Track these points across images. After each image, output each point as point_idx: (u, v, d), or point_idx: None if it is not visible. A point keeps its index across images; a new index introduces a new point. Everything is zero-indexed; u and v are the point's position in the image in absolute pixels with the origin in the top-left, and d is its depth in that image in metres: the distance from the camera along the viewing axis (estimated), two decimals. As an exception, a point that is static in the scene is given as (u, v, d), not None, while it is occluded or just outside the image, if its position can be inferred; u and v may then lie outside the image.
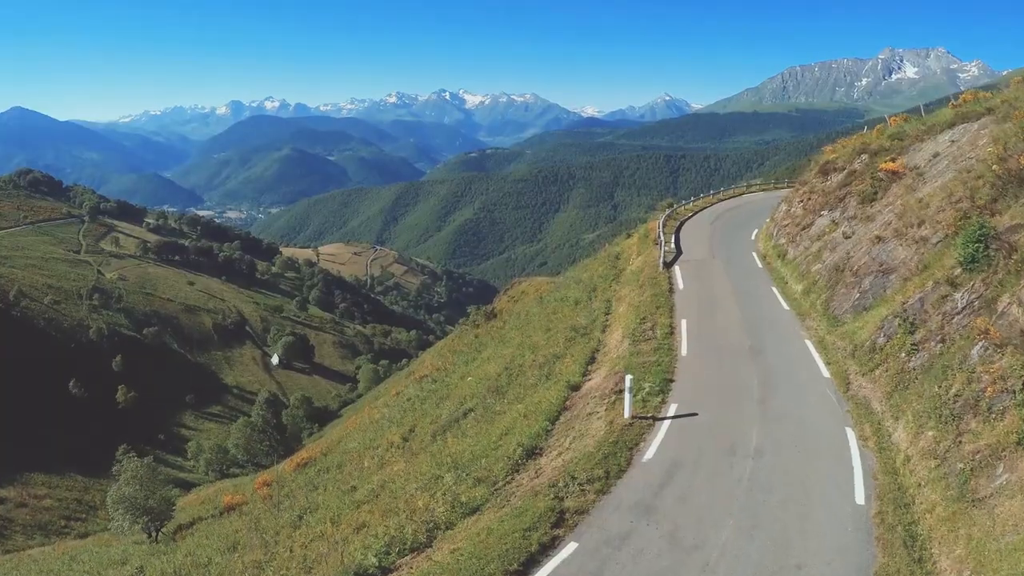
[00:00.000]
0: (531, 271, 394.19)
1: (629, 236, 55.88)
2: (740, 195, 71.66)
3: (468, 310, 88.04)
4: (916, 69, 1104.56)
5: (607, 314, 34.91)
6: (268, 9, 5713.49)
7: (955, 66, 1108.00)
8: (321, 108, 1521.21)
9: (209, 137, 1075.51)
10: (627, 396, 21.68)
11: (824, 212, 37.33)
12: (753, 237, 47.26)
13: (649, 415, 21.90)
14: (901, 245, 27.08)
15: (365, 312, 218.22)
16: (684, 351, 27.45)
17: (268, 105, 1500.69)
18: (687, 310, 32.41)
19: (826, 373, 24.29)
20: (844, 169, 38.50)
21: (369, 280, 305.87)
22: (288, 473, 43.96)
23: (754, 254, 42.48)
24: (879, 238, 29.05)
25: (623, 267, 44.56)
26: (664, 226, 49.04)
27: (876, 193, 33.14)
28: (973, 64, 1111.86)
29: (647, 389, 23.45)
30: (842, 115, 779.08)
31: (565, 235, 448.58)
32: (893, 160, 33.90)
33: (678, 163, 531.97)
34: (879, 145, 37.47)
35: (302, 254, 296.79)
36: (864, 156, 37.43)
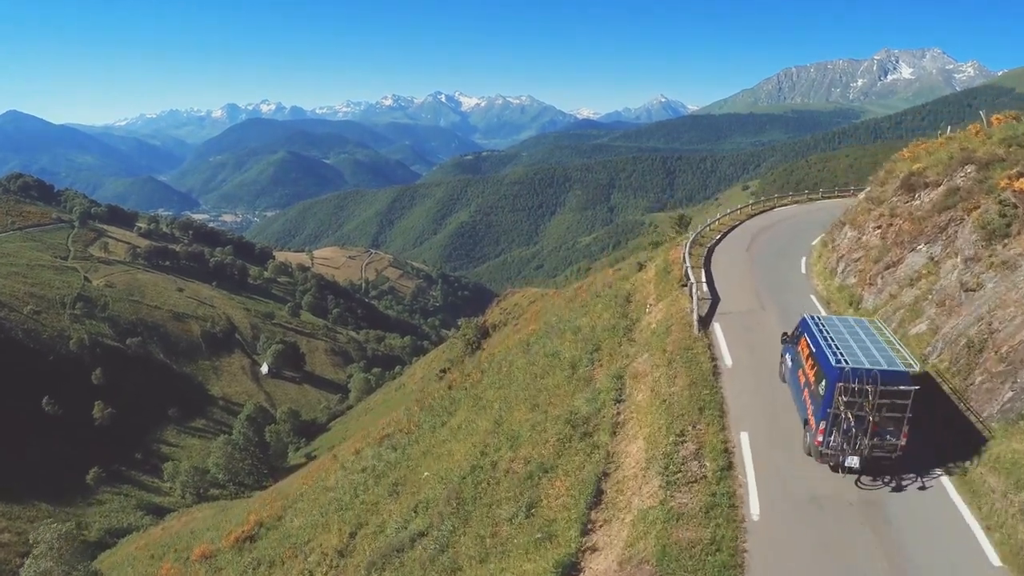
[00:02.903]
0: (527, 274, 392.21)
1: (643, 267, 42.89)
2: (771, 209, 60.18)
3: (459, 322, 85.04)
4: (912, 70, 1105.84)
5: (618, 401, 24.06)
6: (263, 12, 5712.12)
7: (951, 66, 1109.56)
8: (317, 111, 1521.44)
9: (204, 140, 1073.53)
10: None
11: (918, 245, 27.73)
12: (804, 270, 36.83)
13: None
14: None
15: (359, 317, 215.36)
16: (755, 509, 17.10)
17: (264, 108, 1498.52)
18: (745, 411, 21.36)
19: (995, 559, 14.88)
20: (940, 185, 29.07)
21: (364, 284, 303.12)
22: (227, 550, 38.78)
23: (813, 298, 32.07)
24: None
25: (637, 316, 32.57)
26: (689, 253, 37.09)
27: (1010, 225, 23.61)
28: (969, 65, 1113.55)
29: None
30: (838, 116, 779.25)
31: (561, 238, 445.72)
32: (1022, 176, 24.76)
33: (674, 165, 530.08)
34: (988, 153, 28.12)
35: (296, 258, 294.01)
36: (969, 168, 28.02)
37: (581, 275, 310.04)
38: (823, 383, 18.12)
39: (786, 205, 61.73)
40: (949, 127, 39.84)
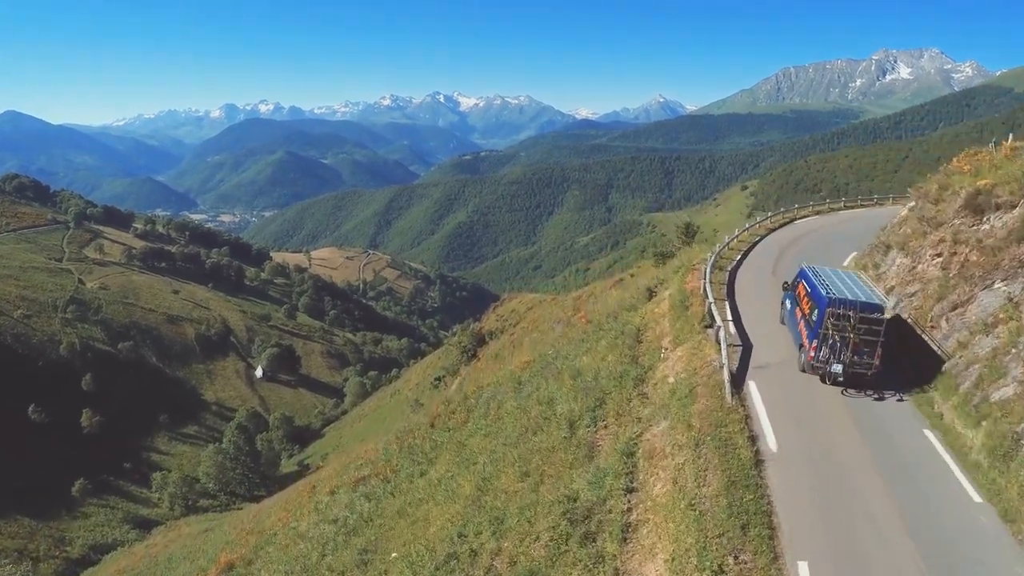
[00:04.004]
0: (525, 274, 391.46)
1: (653, 295, 35.30)
2: (791, 221, 53.31)
3: (455, 329, 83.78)
4: (910, 70, 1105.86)
5: (630, 491, 18.66)
6: (262, 12, 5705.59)
7: (949, 66, 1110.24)
8: (315, 111, 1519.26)
9: (203, 140, 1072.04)
10: None
11: (993, 282, 22.73)
12: None
13: None
14: None
15: (356, 319, 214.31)
16: None
17: (262, 108, 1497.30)
18: (802, 525, 16.07)
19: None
20: (1016, 207, 24.11)
21: (361, 285, 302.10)
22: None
23: None
24: None
25: (649, 362, 26.05)
26: (710, 281, 30.74)
27: None
28: (967, 65, 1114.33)
29: None
30: (836, 116, 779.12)
31: (559, 238, 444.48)
32: None
33: (673, 165, 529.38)
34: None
35: (294, 259, 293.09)
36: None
37: (580, 275, 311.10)
38: (815, 312, 22.66)
39: (807, 216, 55.46)
40: (1008, 138, 35.10)
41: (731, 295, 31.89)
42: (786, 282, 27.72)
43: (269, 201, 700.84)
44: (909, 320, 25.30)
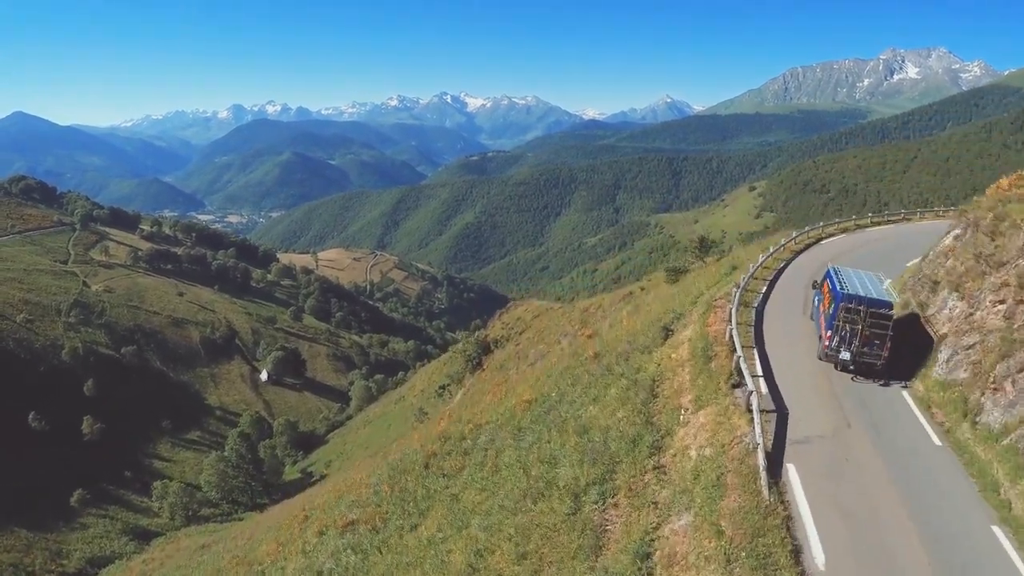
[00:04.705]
0: (533, 275, 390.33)
1: (669, 334, 30.39)
2: (817, 242, 47.87)
3: (459, 338, 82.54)
4: (918, 69, 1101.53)
5: None
6: (269, 12, 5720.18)
7: (957, 66, 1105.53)
8: (323, 112, 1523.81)
9: (210, 141, 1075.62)
10: None
11: None
12: None
13: None
14: None
15: (362, 321, 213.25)
16: None
17: (269, 109, 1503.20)
18: None
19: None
20: None
21: (368, 286, 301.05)
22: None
23: (909, 399, 22.99)
24: None
25: (667, 424, 22.14)
26: (735, 324, 26.46)
27: None
28: (975, 64, 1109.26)
29: None
30: (844, 116, 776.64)
31: (567, 239, 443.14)
32: None
33: (680, 165, 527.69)
34: None
35: (300, 260, 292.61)
36: None
37: (587, 275, 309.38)
38: (832, 306, 24.98)
39: (833, 235, 50.50)
40: None
41: (759, 340, 27.92)
42: (815, 281, 30.25)
43: (276, 202, 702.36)
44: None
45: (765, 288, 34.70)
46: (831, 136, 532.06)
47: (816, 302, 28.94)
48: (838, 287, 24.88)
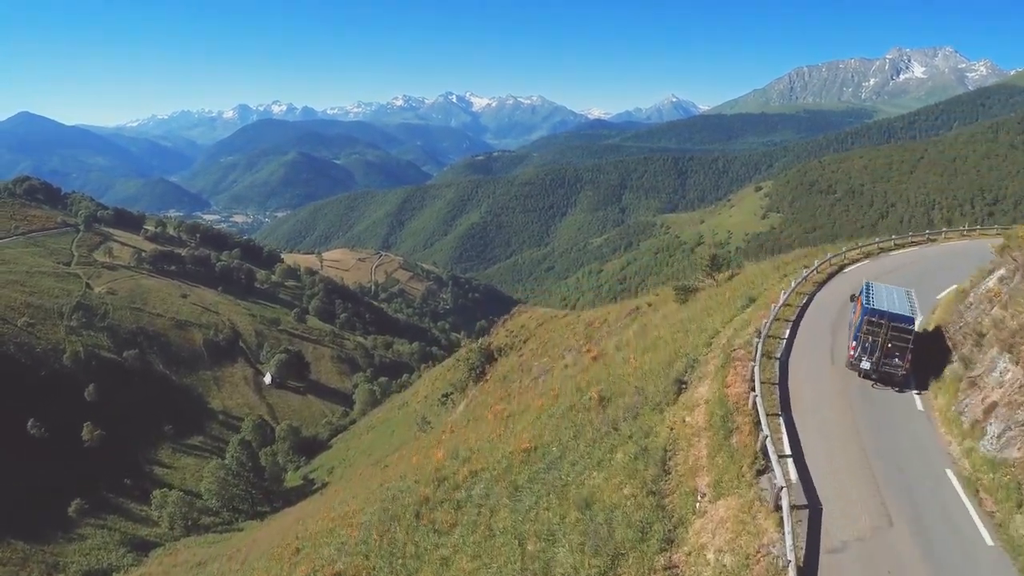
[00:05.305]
0: (538, 275, 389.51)
1: (683, 387, 26.64)
2: (840, 270, 42.96)
3: (464, 339, 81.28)
4: (924, 69, 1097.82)
5: None
6: (275, 12, 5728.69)
7: (963, 65, 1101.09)
8: (328, 111, 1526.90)
9: (216, 141, 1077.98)
10: None
11: None
12: (922, 407, 24.46)
13: None
14: None
15: (367, 322, 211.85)
16: None
17: (275, 109, 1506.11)
18: None
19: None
20: None
21: (373, 287, 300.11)
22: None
23: (954, 480, 19.84)
24: None
25: (681, 511, 19.15)
26: (759, 390, 22.90)
27: None
28: (981, 63, 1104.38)
29: None
30: (850, 116, 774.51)
31: (572, 239, 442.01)
32: None
33: (686, 165, 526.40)
34: None
35: (305, 261, 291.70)
36: None
37: (593, 276, 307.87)
38: (859, 318, 26.32)
39: (856, 261, 45.68)
40: None
41: (785, 404, 24.10)
42: (852, 295, 31.52)
43: (282, 202, 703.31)
44: None
45: (788, 332, 30.85)
46: (837, 136, 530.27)
47: (851, 314, 30.25)
48: (866, 301, 26.41)
